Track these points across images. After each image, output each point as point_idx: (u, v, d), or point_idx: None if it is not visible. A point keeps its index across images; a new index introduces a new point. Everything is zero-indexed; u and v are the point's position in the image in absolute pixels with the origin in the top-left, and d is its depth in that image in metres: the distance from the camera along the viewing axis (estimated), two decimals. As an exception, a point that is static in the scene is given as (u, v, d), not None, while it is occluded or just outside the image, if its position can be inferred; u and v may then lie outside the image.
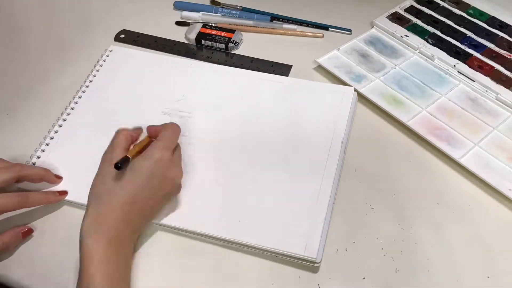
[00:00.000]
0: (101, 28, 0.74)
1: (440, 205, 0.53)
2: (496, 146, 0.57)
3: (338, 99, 0.61)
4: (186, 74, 0.65)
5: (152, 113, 0.61)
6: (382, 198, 0.54)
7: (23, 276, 0.49)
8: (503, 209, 0.53)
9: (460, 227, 0.51)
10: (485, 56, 0.66)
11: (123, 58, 0.68)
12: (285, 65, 0.68)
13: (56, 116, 0.61)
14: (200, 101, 0.62)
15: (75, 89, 0.64)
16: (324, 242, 0.49)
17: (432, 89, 0.63)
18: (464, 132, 0.58)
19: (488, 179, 0.53)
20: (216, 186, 0.53)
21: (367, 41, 0.70)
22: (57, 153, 0.57)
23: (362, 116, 0.62)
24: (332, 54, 0.68)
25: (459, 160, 0.55)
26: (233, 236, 0.49)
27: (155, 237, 0.51)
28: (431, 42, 0.68)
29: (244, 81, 0.64)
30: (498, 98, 0.62)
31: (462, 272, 0.48)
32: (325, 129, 0.58)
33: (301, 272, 0.48)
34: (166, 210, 0.51)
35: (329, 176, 0.53)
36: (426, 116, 0.60)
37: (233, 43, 0.70)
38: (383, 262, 0.49)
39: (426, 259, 0.49)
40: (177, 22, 0.75)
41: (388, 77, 0.65)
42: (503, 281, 0.47)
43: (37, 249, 0.51)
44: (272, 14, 0.75)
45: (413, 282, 0.48)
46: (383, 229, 0.51)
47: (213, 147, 0.57)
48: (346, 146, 0.57)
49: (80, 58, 0.69)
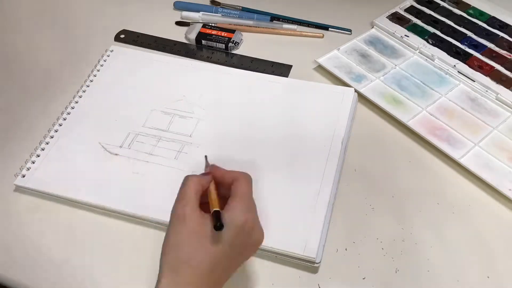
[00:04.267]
0: (101, 28, 0.74)
1: (440, 205, 0.53)
2: (496, 146, 0.57)
3: (338, 99, 0.61)
4: (186, 74, 0.65)
5: (152, 113, 0.61)
6: (382, 198, 0.54)
7: (23, 276, 0.49)
8: (503, 209, 0.53)
9: (460, 227, 0.51)
10: (485, 56, 0.66)
11: (123, 58, 0.68)
12: (285, 65, 0.68)
13: (57, 115, 0.61)
14: (200, 101, 0.62)
15: (76, 89, 0.64)
16: (324, 242, 0.49)
17: (432, 89, 0.63)
18: (464, 132, 0.58)
19: (488, 179, 0.53)
20: (216, 186, 0.53)
21: (367, 41, 0.70)
22: (57, 152, 0.57)
23: (362, 116, 0.62)
24: (332, 54, 0.68)
25: (459, 160, 0.55)
26: (233, 236, 0.49)
27: (155, 237, 0.51)
28: (431, 42, 0.68)
29: (244, 81, 0.64)
30: (498, 98, 0.62)
31: (462, 272, 0.48)
32: (325, 129, 0.58)
33: (301, 272, 0.48)
34: (166, 209, 0.51)
35: (329, 176, 0.53)
36: (426, 116, 0.60)
37: (233, 43, 0.70)
38: (383, 262, 0.49)
39: (426, 259, 0.49)
40: (177, 22, 0.75)
41: (388, 77, 0.65)
42: (503, 281, 0.47)
43: (37, 249, 0.51)
44: (272, 14, 0.75)
45: (413, 282, 0.48)
46: (383, 229, 0.51)
47: (213, 147, 0.57)
48: (346, 146, 0.57)
49: (80, 58, 0.69)
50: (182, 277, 0.38)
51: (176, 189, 0.54)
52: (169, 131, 0.59)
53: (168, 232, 0.40)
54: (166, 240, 0.40)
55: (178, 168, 0.55)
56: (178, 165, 0.55)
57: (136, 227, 0.52)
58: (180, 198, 0.41)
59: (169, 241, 0.40)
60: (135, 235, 0.52)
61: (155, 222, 0.51)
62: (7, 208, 0.54)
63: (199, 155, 0.56)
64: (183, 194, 0.41)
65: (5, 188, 0.55)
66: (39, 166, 0.56)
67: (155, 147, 0.57)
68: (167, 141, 0.58)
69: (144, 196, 0.53)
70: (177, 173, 0.55)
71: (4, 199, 0.55)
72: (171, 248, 0.40)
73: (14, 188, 0.55)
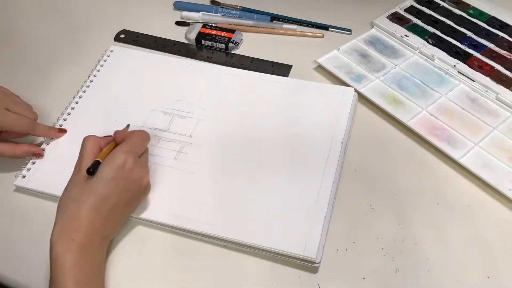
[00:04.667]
0: (101, 28, 0.74)
1: (440, 205, 0.53)
2: (496, 146, 0.57)
3: (338, 99, 0.61)
4: (186, 74, 0.65)
5: (152, 113, 0.61)
6: (382, 198, 0.54)
7: (23, 276, 0.49)
8: (503, 209, 0.53)
9: (460, 227, 0.51)
10: (485, 56, 0.66)
11: (123, 58, 0.68)
12: (285, 65, 0.68)
13: (57, 115, 0.61)
14: (200, 101, 0.62)
15: (76, 89, 0.64)
16: (324, 242, 0.49)
17: (432, 89, 0.63)
18: (464, 132, 0.58)
19: (488, 179, 0.53)
20: (216, 186, 0.53)
21: (367, 41, 0.70)
22: (57, 152, 0.57)
23: (362, 116, 0.62)
24: (332, 54, 0.68)
25: (459, 160, 0.55)
26: (232, 236, 0.49)
27: (154, 236, 0.51)
28: (431, 42, 0.68)
29: (244, 81, 0.64)
30: (498, 98, 0.62)
31: (462, 272, 0.48)
32: (325, 129, 0.58)
33: (301, 272, 0.48)
34: (166, 209, 0.51)
35: (329, 176, 0.53)
36: (426, 116, 0.60)
37: (233, 43, 0.70)
38: (383, 262, 0.49)
39: (426, 259, 0.49)
40: (177, 22, 0.75)
41: (388, 77, 0.65)
42: (503, 281, 0.47)
43: (37, 249, 0.51)
44: (272, 14, 0.75)
45: (413, 282, 0.48)
46: (383, 229, 0.51)
47: (213, 147, 0.57)
48: (346, 146, 0.57)
49: (81, 58, 0.69)
50: (72, 213, 0.45)
51: (176, 189, 0.54)
52: (169, 131, 0.59)
53: (68, 182, 0.48)
54: (65, 187, 0.48)
55: (178, 168, 0.55)
56: (178, 165, 0.55)
57: (136, 227, 0.52)
58: (79, 155, 0.49)
59: (66, 187, 0.48)
60: (134, 235, 0.51)
61: (155, 222, 0.51)
62: (7, 208, 0.54)
63: (199, 155, 0.56)
64: (80, 150, 0.49)
65: (5, 188, 0.55)
66: (39, 167, 0.56)
67: (155, 147, 0.57)
68: (167, 141, 0.58)
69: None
70: (177, 173, 0.55)
71: (4, 200, 0.55)
72: (66, 190, 0.47)
73: (14, 188, 0.55)
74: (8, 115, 0.54)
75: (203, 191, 0.53)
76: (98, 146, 0.50)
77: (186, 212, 0.51)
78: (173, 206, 0.52)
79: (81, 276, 0.42)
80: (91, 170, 0.46)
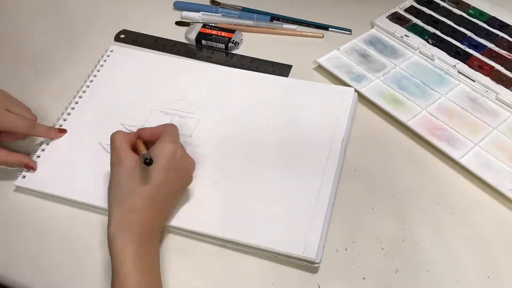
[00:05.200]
0: (101, 28, 0.74)
1: (440, 205, 0.53)
2: (496, 146, 0.57)
3: (338, 99, 0.61)
4: (186, 74, 0.65)
5: (152, 113, 0.61)
6: (382, 198, 0.54)
7: (23, 276, 0.49)
8: (503, 209, 0.53)
9: (460, 227, 0.51)
10: (485, 56, 0.66)
11: (123, 58, 0.68)
12: (285, 65, 0.68)
13: (57, 116, 0.61)
14: (200, 101, 0.62)
15: (76, 89, 0.64)
16: (324, 242, 0.49)
17: (432, 89, 0.63)
18: (464, 132, 0.58)
19: (488, 179, 0.53)
20: (216, 186, 0.53)
21: (367, 41, 0.70)
22: (57, 153, 0.57)
23: (362, 116, 0.62)
24: (332, 54, 0.68)
25: (459, 160, 0.55)
26: (233, 236, 0.49)
27: (155, 237, 0.51)
28: (431, 42, 0.68)
29: (244, 81, 0.64)
30: (498, 98, 0.62)
31: (462, 272, 0.48)
32: (325, 129, 0.58)
33: (301, 272, 0.48)
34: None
35: (329, 176, 0.53)
36: (426, 116, 0.60)
37: (233, 43, 0.70)
38: (383, 262, 0.49)
39: (426, 259, 0.49)
40: (177, 22, 0.75)
41: (388, 77, 0.65)
42: (503, 281, 0.47)
43: (36, 249, 0.51)
44: (272, 14, 0.75)
45: (413, 282, 0.48)
46: (383, 229, 0.51)
47: (213, 147, 0.57)
48: (346, 146, 0.57)
49: (81, 58, 0.69)
50: (127, 206, 0.45)
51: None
52: (169, 131, 0.59)
53: (110, 177, 0.48)
54: (110, 182, 0.47)
55: (178, 168, 0.55)
56: (178, 165, 0.55)
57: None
58: (112, 149, 0.49)
59: (113, 182, 0.47)
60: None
61: (155, 222, 0.51)
62: (7, 208, 0.54)
63: (199, 155, 0.56)
64: (113, 145, 0.49)
65: (5, 188, 0.55)
66: (40, 167, 0.56)
67: (155, 147, 0.57)
68: (167, 141, 0.58)
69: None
70: (177, 173, 0.55)
71: (4, 200, 0.55)
72: (115, 186, 0.47)
73: (14, 188, 0.55)
74: (8, 115, 0.54)
75: (203, 191, 0.53)
76: (129, 140, 0.50)
77: (186, 212, 0.51)
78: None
79: (142, 267, 0.43)
80: (148, 161, 0.45)
